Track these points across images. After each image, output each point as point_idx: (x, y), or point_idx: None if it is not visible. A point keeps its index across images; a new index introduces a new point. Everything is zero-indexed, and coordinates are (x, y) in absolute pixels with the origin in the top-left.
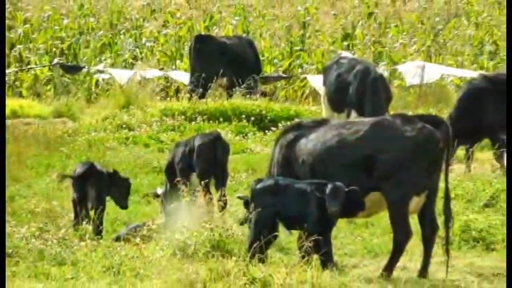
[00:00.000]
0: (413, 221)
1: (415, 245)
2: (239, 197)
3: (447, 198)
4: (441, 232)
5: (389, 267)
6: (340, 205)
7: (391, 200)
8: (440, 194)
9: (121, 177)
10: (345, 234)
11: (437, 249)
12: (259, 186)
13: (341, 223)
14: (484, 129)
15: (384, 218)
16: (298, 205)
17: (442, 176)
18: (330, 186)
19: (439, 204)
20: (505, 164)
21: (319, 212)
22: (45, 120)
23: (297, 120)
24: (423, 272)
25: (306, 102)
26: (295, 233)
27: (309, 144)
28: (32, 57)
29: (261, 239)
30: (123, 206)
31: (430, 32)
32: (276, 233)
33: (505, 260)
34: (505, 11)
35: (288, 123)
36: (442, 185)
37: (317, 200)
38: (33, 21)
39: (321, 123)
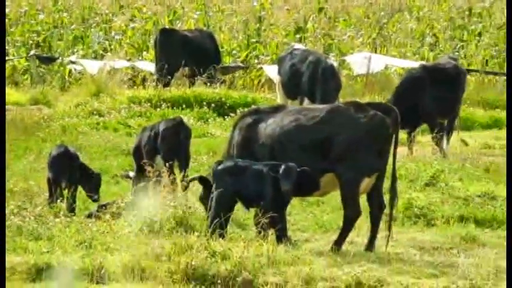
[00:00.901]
0: (361, 199)
1: (362, 221)
2: (192, 179)
3: (394, 179)
4: (386, 209)
5: (339, 242)
6: (292, 184)
7: (344, 180)
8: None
9: (93, 172)
10: (297, 212)
11: (382, 225)
12: (219, 167)
13: (294, 201)
14: (422, 115)
15: (333, 196)
16: (256, 185)
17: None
18: (282, 166)
19: (385, 184)
20: (444, 147)
21: (274, 191)
22: (22, 107)
23: (253, 106)
24: (370, 246)
25: (261, 91)
26: (252, 210)
27: (268, 128)
28: (10, 49)
29: (221, 216)
30: (94, 198)
31: (376, 26)
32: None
33: (444, 234)
34: (443, 6)
35: (246, 109)
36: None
37: (272, 180)
38: (11, 16)
39: (278, 108)
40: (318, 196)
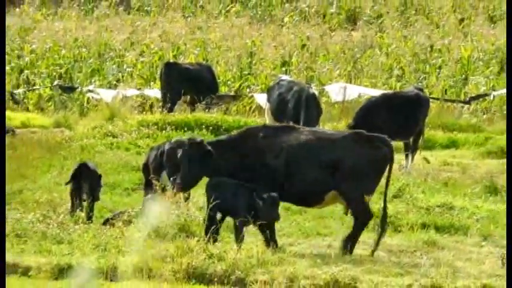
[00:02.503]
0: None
1: (340, 228)
2: None
3: (385, 205)
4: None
5: (352, 245)
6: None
7: (350, 197)
8: None
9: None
10: (283, 219)
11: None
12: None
13: (280, 210)
14: None
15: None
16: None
17: None
18: (267, 196)
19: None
20: (409, 164)
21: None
22: (47, 130)
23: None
24: (350, 250)
25: (253, 115)
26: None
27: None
28: (36, 79)
29: (216, 224)
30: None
31: (351, 60)
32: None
33: (409, 239)
34: (409, 43)
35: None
36: None
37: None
38: (38, 51)
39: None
40: (317, 208)
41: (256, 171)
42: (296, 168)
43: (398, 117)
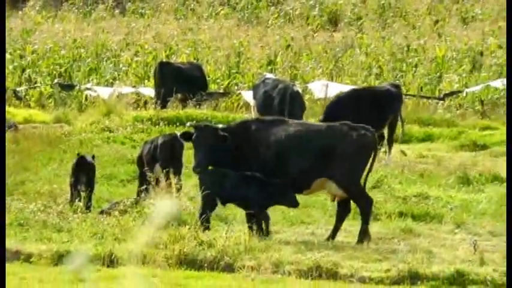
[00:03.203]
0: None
1: (321, 217)
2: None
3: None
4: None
5: (365, 232)
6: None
7: (343, 184)
8: None
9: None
10: (269, 209)
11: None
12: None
13: None
14: None
15: (297, 196)
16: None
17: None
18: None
19: None
20: (386, 157)
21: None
22: (47, 125)
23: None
24: (333, 236)
25: (240, 111)
26: (232, 207)
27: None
28: (38, 78)
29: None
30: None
31: (332, 59)
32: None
33: (387, 227)
34: (387, 43)
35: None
36: None
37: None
38: (39, 52)
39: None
40: (305, 194)
41: (250, 160)
42: (287, 157)
43: (366, 112)
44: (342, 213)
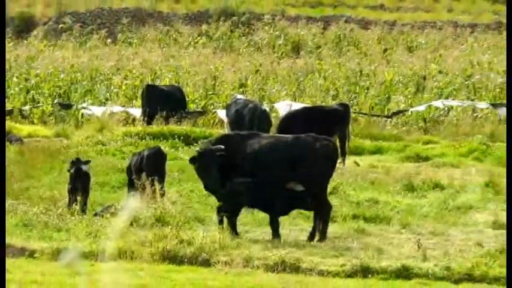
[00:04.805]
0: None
1: (285, 219)
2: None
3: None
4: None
5: (324, 233)
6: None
7: (311, 190)
8: None
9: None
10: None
11: (300, 222)
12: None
13: None
14: None
15: None
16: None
17: None
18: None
19: None
20: (342, 167)
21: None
22: (49, 139)
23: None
24: (311, 237)
25: (216, 127)
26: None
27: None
28: (40, 98)
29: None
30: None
31: (295, 82)
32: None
33: (342, 227)
34: (342, 69)
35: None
36: None
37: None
38: (42, 75)
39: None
40: None
41: (230, 169)
42: (261, 164)
43: (314, 128)
44: (317, 216)
